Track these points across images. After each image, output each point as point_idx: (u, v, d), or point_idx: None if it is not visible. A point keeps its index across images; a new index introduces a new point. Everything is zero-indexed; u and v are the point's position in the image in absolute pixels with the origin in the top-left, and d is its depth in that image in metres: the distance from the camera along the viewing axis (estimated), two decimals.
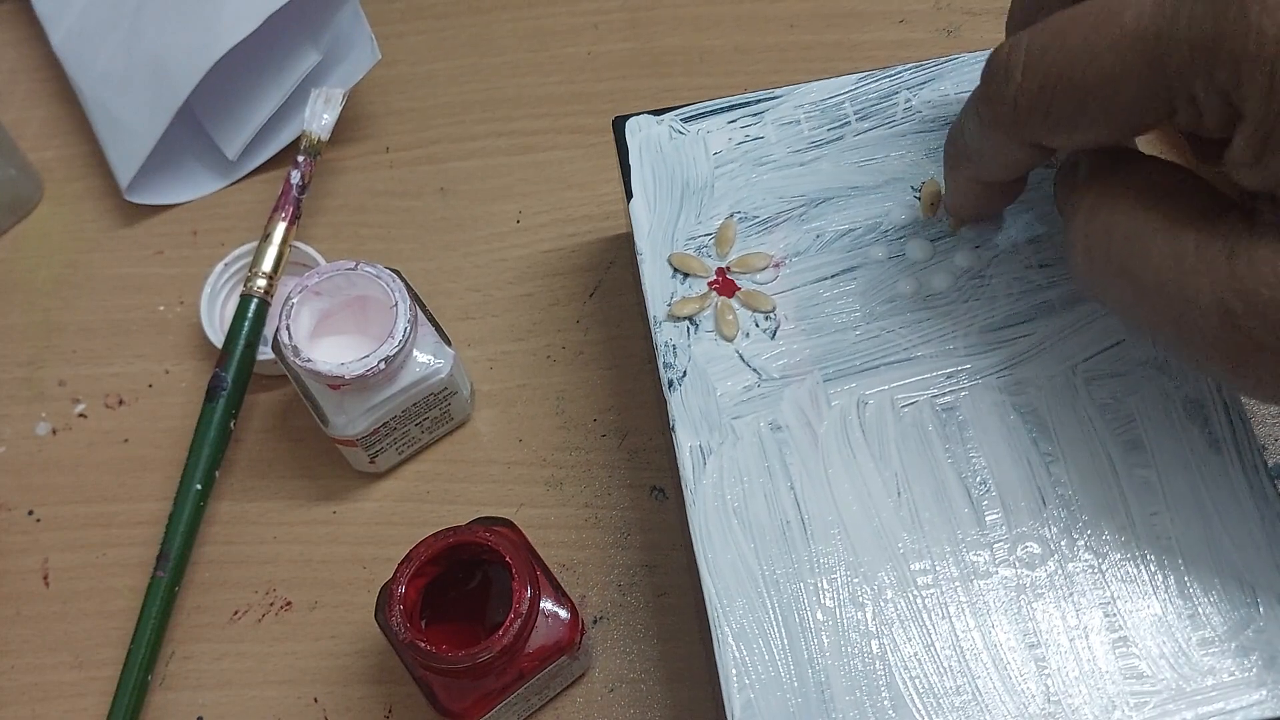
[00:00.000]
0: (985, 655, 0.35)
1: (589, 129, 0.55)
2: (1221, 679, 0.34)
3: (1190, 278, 0.30)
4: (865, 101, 0.44)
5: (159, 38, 0.52)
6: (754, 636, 0.36)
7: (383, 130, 0.56)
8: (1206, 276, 0.30)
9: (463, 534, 0.40)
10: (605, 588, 0.46)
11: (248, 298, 0.48)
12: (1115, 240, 0.32)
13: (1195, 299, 0.30)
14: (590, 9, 0.58)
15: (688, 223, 0.43)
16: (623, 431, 0.48)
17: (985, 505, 0.37)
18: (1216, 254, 0.30)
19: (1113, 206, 0.33)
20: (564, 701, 0.44)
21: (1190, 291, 0.30)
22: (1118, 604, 0.36)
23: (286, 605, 0.46)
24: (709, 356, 0.40)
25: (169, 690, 0.45)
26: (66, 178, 0.56)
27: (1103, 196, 0.33)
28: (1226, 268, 0.29)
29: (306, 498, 0.48)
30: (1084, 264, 0.33)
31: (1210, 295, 0.30)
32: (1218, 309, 0.29)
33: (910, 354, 0.40)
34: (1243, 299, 0.29)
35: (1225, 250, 0.30)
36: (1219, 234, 0.30)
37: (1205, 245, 0.30)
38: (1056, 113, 0.32)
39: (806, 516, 0.37)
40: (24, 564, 0.48)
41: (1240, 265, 0.29)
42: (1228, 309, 0.29)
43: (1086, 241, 0.33)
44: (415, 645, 0.38)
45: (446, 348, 0.45)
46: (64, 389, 0.51)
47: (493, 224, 0.53)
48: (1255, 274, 0.29)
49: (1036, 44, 0.32)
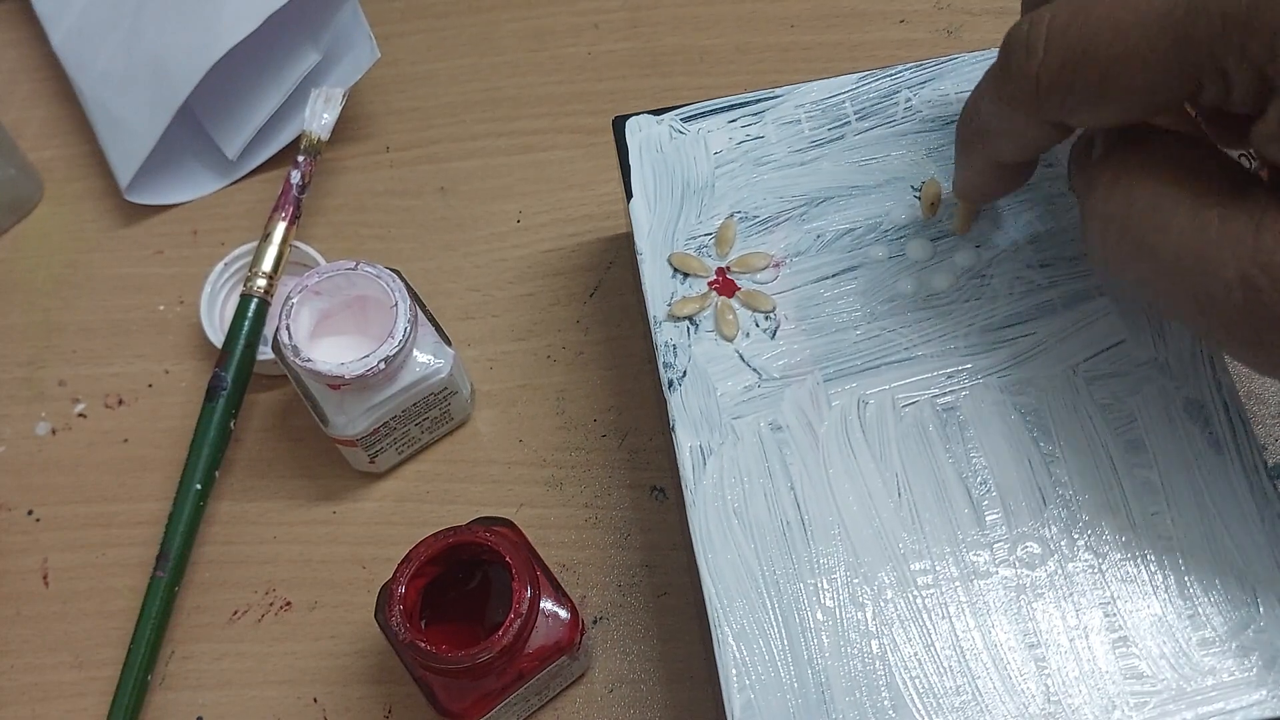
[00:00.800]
0: (985, 655, 0.35)
1: (589, 129, 0.55)
2: (1222, 679, 0.34)
3: (1213, 251, 0.30)
4: (866, 101, 0.44)
5: (159, 38, 0.52)
6: (754, 636, 0.36)
7: (383, 130, 0.56)
8: (1230, 250, 0.29)
9: (463, 534, 0.40)
10: (605, 588, 0.46)
11: (248, 297, 0.48)
12: (1134, 215, 0.32)
13: (1218, 273, 0.29)
14: (590, 9, 0.58)
15: (688, 222, 0.43)
16: (623, 431, 0.48)
17: (985, 505, 0.37)
18: (1242, 228, 0.29)
19: (1132, 181, 0.32)
20: (564, 701, 0.44)
21: (1213, 265, 0.29)
22: (1118, 604, 0.36)
23: (286, 605, 0.46)
24: (709, 356, 0.40)
25: (169, 690, 0.45)
26: (66, 178, 0.56)
27: (1122, 171, 0.32)
28: (1252, 241, 0.29)
29: (306, 498, 0.48)
30: (1101, 241, 0.33)
31: (1234, 269, 0.29)
32: (1242, 283, 0.29)
33: (911, 354, 0.40)
34: (1269, 273, 0.28)
35: (1251, 224, 0.29)
36: (1244, 209, 0.30)
37: (1230, 219, 0.30)
38: (1079, 90, 0.31)
39: (807, 517, 0.37)
40: (24, 564, 0.48)
41: (1267, 239, 0.29)
42: (1252, 283, 0.29)
43: (1104, 217, 0.32)
44: (415, 645, 0.38)
45: (446, 348, 0.45)
46: (64, 389, 0.51)
47: (493, 224, 0.53)
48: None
49: (1059, 19, 0.31)
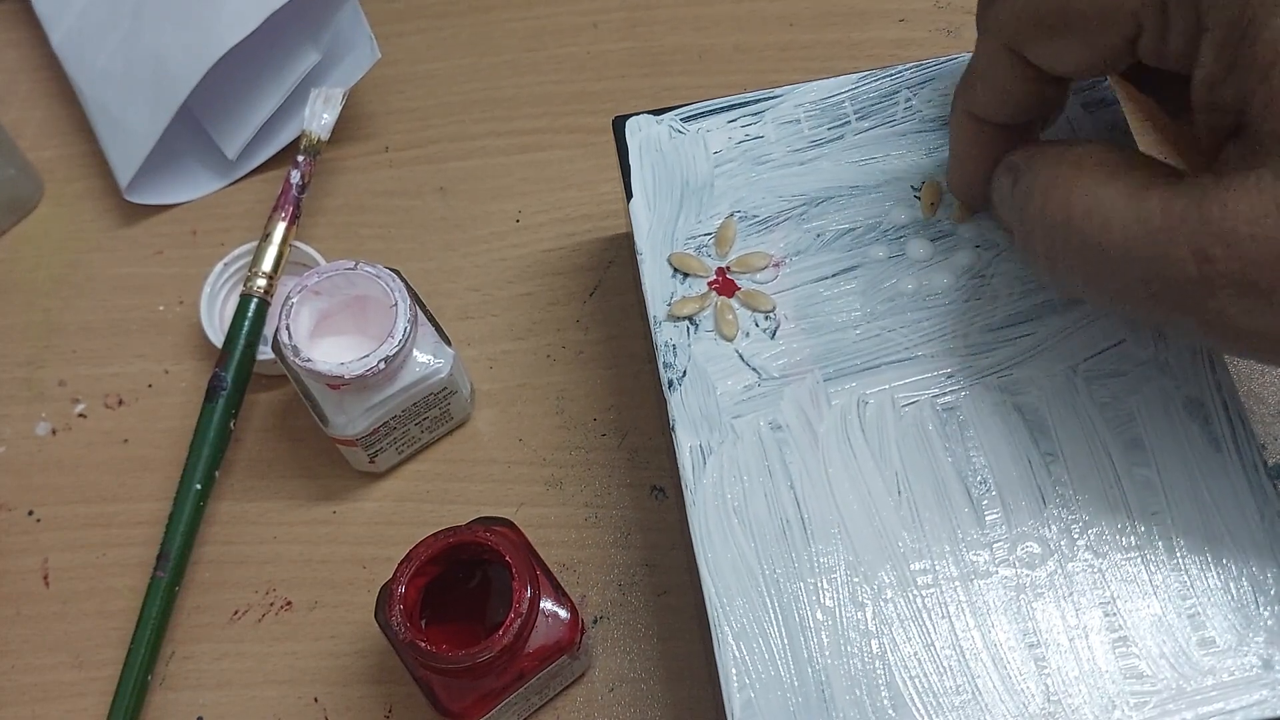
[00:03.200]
0: (985, 655, 0.35)
1: (589, 129, 0.55)
2: (1222, 679, 0.34)
3: (1162, 235, 0.30)
4: (865, 101, 0.44)
5: (159, 38, 0.52)
6: (754, 636, 0.36)
7: (382, 130, 0.56)
8: (1180, 229, 0.30)
9: (463, 534, 0.40)
10: (605, 587, 0.46)
11: (247, 297, 0.48)
12: (1076, 218, 0.32)
13: (1170, 253, 0.30)
14: (590, 9, 0.58)
15: (688, 222, 0.43)
16: (623, 431, 0.48)
17: (985, 505, 0.37)
18: (1186, 206, 0.30)
19: (1068, 187, 0.33)
20: (564, 701, 0.44)
21: (1164, 248, 0.30)
22: (1118, 603, 0.36)
23: (286, 605, 0.46)
24: (709, 356, 0.40)
25: (169, 690, 0.45)
26: (66, 178, 0.56)
27: (1054, 180, 0.33)
28: (1198, 215, 0.30)
29: (306, 498, 0.48)
30: (1045, 250, 0.34)
31: (1186, 245, 0.30)
32: (1195, 257, 0.30)
33: (911, 353, 0.40)
34: (1221, 241, 0.29)
35: (1194, 202, 0.30)
36: (1182, 191, 0.30)
37: (1171, 201, 0.30)
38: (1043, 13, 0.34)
39: (807, 516, 0.37)
40: (24, 564, 0.48)
41: (1214, 209, 0.29)
42: (1205, 254, 0.29)
43: (1046, 226, 0.33)
44: (415, 645, 0.38)
45: (446, 347, 0.45)
46: (64, 389, 0.51)
47: (492, 224, 0.53)
48: (1231, 214, 0.29)
49: None
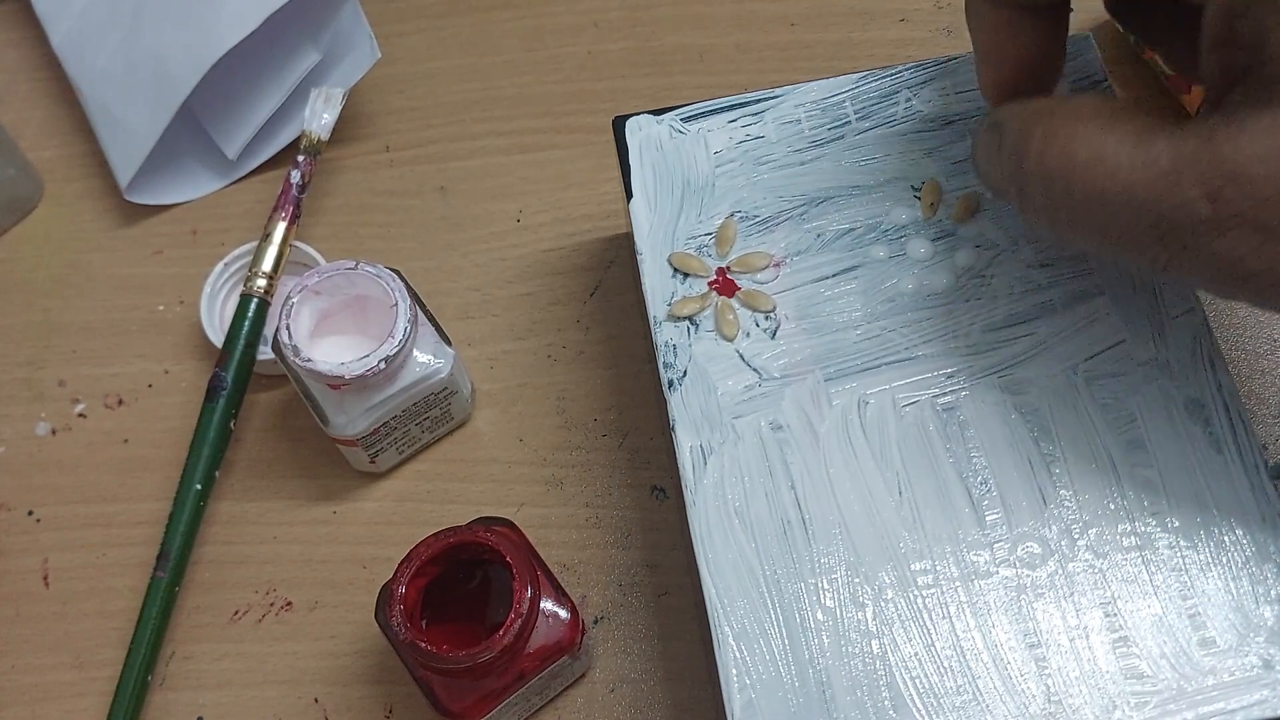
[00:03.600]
0: (986, 655, 0.35)
1: (589, 128, 0.55)
2: (1222, 679, 0.34)
3: (1170, 177, 0.29)
4: (866, 101, 0.44)
5: (159, 38, 0.52)
6: (754, 636, 0.36)
7: (382, 130, 0.56)
8: (1189, 170, 0.29)
9: (463, 534, 0.40)
10: (605, 588, 0.46)
11: (248, 297, 0.48)
12: (1078, 168, 0.31)
13: (1180, 194, 0.29)
14: (590, 8, 0.58)
15: (688, 222, 0.42)
16: (623, 431, 0.48)
17: (986, 505, 0.37)
18: (1194, 147, 0.29)
19: (1068, 136, 0.32)
20: (564, 701, 0.44)
21: (1173, 189, 0.29)
22: (1118, 604, 0.36)
23: (287, 605, 0.46)
24: (709, 356, 0.40)
25: (169, 690, 0.45)
26: (66, 178, 0.56)
27: (1050, 133, 0.32)
28: (1208, 154, 0.29)
29: (306, 498, 0.48)
30: (1045, 205, 0.32)
31: (1196, 186, 0.29)
32: (1207, 197, 0.29)
33: (911, 353, 0.40)
34: (1234, 180, 0.28)
35: (1202, 141, 0.29)
36: (1188, 131, 0.29)
37: (1178, 142, 0.29)
38: None
39: (807, 516, 0.37)
40: (24, 564, 0.48)
41: (1225, 148, 0.28)
42: (1218, 193, 0.28)
43: (1045, 179, 0.32)
44: (415, 645, 0.38)
45: (446, 347, 0.45)
46: (64, 389, 0.51)
47: (493, 223, 0.53)
48: (1244, 153, 0.28)
49: None
